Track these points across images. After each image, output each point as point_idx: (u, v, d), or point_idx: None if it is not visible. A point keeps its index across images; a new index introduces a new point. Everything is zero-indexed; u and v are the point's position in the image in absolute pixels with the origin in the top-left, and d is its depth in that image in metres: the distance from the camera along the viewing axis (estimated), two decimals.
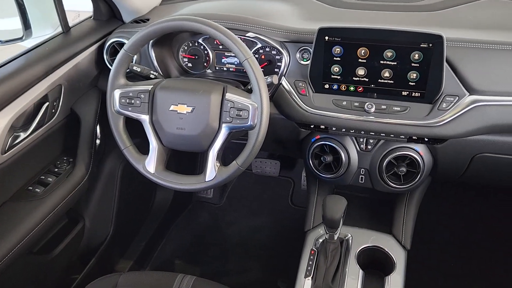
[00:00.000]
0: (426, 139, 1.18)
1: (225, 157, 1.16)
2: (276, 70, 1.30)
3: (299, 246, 1.89)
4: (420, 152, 1.20)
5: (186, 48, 1.40)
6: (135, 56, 1.35)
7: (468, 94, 1.10)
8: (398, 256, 1.23)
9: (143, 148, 1.21)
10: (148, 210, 2.00)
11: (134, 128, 1.21)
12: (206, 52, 1.39)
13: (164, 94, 1.14)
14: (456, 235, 1.92)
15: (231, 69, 1.39)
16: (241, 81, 1.31)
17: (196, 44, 1.38)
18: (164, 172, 1.18)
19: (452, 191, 1.99)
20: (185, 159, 2.13)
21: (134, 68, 1.24)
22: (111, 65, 1.32)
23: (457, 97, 1.11)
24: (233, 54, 1.36)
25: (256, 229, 2.05)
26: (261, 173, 2.20)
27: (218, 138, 1.12)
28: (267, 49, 1.29)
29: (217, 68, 1.40)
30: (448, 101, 1.11)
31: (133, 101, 1.15)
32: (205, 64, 1.40)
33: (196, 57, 1.40)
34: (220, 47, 1.37)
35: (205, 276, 1.15)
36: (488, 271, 1.76)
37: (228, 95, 1.10)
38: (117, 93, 1.16)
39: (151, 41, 1.30)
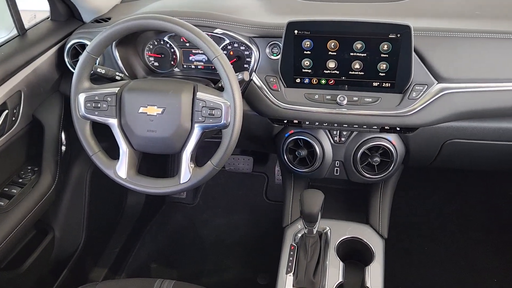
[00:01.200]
0: (398, 129, 1.19)
1: (197, 157, 1.14)
2: (245, 66, 1.28)
3: (277, 241, 1.89)
4: (392, 141, 1.22)
5: (151, 47, 1.36)
6: (99, 58, 1.30)
7: (437, 82, 1.12)
8: (377, 245, 1.24)
9: (112, 153, 1.17)
10: (120, 215, 1.95)
11: (101, 131, 1.16)
12: (172, 50, 1.35)
13: (132, 96, 1.10)
14: (429, 219, 1.97)
15: (199, 67, 1.36)
16: (211, 78, 1.29)
17: (162, 42, 1.34)
18: (136, 176, 1.14)
19: (423, 176, 2.05)
20: (156, 161, 2.08)
21: (98, 70, 1.19)
22: (74, 68, 1.27)
23: (426, 86, 1.12)
24: (201, 52, 1.33)
25: (233, 226, 2.04)
26: (235, 170, 2.18)
27: (191, 139, 1.10)
28: (236, 45, 1.27)
29: (185, 66, 1.36)
30: (418, 90, 1.13)
31: (99, 105, 1.11)
32: (172, 62, 1.37)
33: (163, 55, 1.36)
34: (187, 44, 1.34)
35: (184, 278, 1.13)
36: (463, 252, 1.81)
37: (199, 94, 1.08)
38: (81, 97, 1.11)
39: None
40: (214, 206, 2.15)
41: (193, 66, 1.36)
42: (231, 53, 1.28)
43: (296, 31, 1.13)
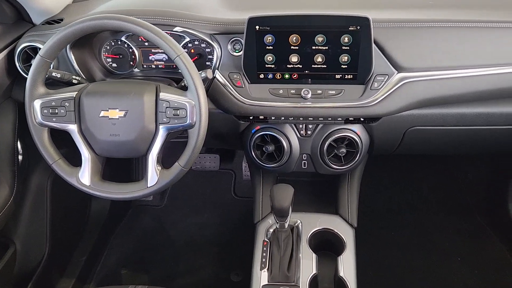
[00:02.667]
0: (362, 119, 1.21)
1: (163, 159, 1.11)
2: (207, 63, 1.26)
3: (249, 237, 1.89)
4: (357, 132, 1.24)
5: (108, 47, 1.31)
6: (53, 61, 1.24)
7: (397, 72, 1.15)
8: (347, 235, 1.27)
9: (73, 159, 1.12)
10: (85, 223, 1.88)
11: (60, 138, 1.11)
12: (131, 50, 1.31)
13: (92, 100, 1.06)
14: (394, 205, 2.03)
15: (160, 67, 1.33)
16: (173, 78, 1.26)
17: (119, 42, 1.30)
18: (101, 182, 1.11)
19: (387, 164, 2.10)
20: (119, 166, 2.02)
21: (54, 74, 1.13)
22: (26, 73, 1.21)
23: (387, 76, 1.15)
24: (160, 51, 1.30)
25: (203, 225, 2.02)
26: (201, 168, 2.16)
27: (156, 141, 1.07)
28: (196, 43, 1.25)
29: (144, 66, 1.33)
30: (379, 80, 1.15)
31: (57, 111, 1.06)
32: (131, 63, 1.33)
33: (121, 56, 1.32)
34: (146, 44, 1.30)
35: (157, 282, 1.10)
36: (427, 235, 1.88)
37: (162, 95, 1.05)
38: (37, 103, 1.06)
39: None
40: (182, 206, 2.12)
41: (153, 66, 1.33)
42: (192, 51, 1.26)
43: (257, 27, 1.13)
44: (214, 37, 1.21)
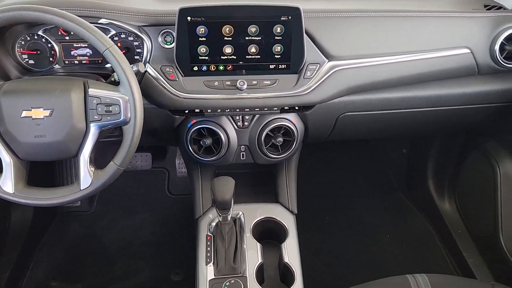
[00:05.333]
0: (296, 108, 1.24)
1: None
2: (136, 57, 1.21)
3: (186, 235, 1.86)
4: (292, 120, 1.27)
5: (23, 43, 1.20)
6: None
7: (327, 61, 1.19)
8: (289, 222, 1.30)
9: None
10: (4, 235, 1.72)
11: None
12: (50, 45, 1.21)
13: (11, 100, 0.97)
14: (327, 190, 2.12)
15: (84, 62, 1.24)
16: (100, 73, 1.19)
17: (36, 37, 1.20)
18: (26, 189, 1.02)
19: (318, 150, 2.18)
20: (38, 171, 1.87)
21: None
22: None
23: (318, 65, 1.19)
24: (83, 45, 1.22)
25: (138, 227, 1.94)
26: (133, 168, 2.07)
27: (87, 140, 1.01)
28: (123, 36, 1.19)
29: (67, 62, 1.24)
30: (311, 69, 1.18)
31: None
32: (51, 59, 1.23)
33: (38, 52, 1.21)
34: (67, 38, 1.21)
35: None
36: (358, 216, 1.99)
37: (92, 91, 0.99)
38: None
39: None
40: (114, 209, 2.03)
41: (76, 62, 1.24)
42: (119, 44, 1.20)
43: (189, 18, 1.10)
44: (143, 29, 1.17)
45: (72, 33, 1.18)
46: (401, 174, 2.14)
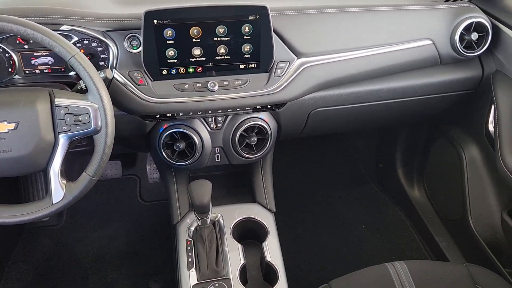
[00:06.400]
0: (269, 106, 1.24)
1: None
2: (101, 63, 1.17)
3: (162, 241, 1.83)
4: (265, 119, 1.27)
5: None
6: None
7: (297, 58, 1.20)
8: (268, 220, 1.30)
9: None
10: None
11: None
12: (7, 55, 1.15)
13: None
14: (302, 186, 2.13)
15: (46, 71, 1.19)
16: (64, 82, 1.15)
17: None
18: None
19: (290, 147, 2.19)
20: (1, 186, 1.79)
21: None
22: None
23: (288, 63, 1.19)
24: (44, 53, 1.17)
25: (111, 237, 1.89)
26: (102, 178, 2.01)
27: (57, 152, 0.97)
28: (86, 42, 1.15)
29: (27, 72, 1.18)
30: (281, 67, 1.19)
31: None
32: (9, 69, 1.17)
33: None
34: (26, 46, 1.16)
35: None
36: (333, 209, 2.02)
37: (59, 101, 0.96)
38: None
39: None
40: (85, 221, 1.96)
41: (38, 71, 1.19)
42: (82, 51, 1.16)
43: (155, 21, 1.08)
44: (108, 34, 1.13)
45: (31, 41, 1.13)
46: (371, 165, 2.18)
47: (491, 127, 1.44)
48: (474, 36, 1.29)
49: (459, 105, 1.49)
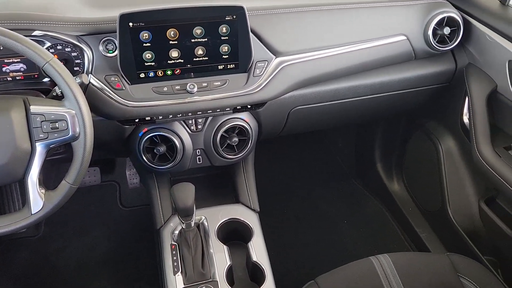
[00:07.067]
0: (249, 106, 1.24)
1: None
2: (76, 69, 1.15)
3: (145, 247, 1.81)
4: (246, 119, 1.27)
5: None
6: None
7: (275, 57, 1.20)
8: (252, 220, 1.29)
9: None
10: None
11: None
12: None
13: None
14: (283, 184, 2.14)
15: (18, 78, 1.16)
16: (38, 89, 1.12)
17: None
18: None
19: (271, 146, 2.20)
20: None
21: None
22: None
23: (266, 62, 1.19)
24: (16, 60, 1.13)
25: (93, 245, 1.86)
26: (81, 185, 1.96)
27: (34, 161, 0.95)
28: (59, 47, 1.12)
29: None
30: (260, 67, 1.19)
31: None
32: None
33: None
34: None
35: None
36: (315, 206, 2.03)
37: (34, 108, 0.93)
38: None
39: None
40: (65, 230, 1.92)
41: (9, 78, 1.15)
42: (56, 56, 1.12)
43: (131, 24, 1.06)
44: (82, 38, 1.11)
45: (1, 47, 1.09)
46: (351, 161, 2.21)
47: (465, 119, 1.48)
48: (447, 30, 1.32)
49: (435, 99, 1.52)
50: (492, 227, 1.39)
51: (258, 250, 1.21)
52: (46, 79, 1.14)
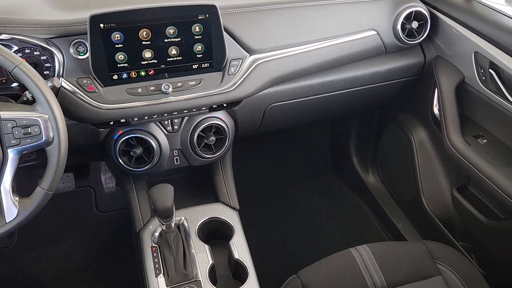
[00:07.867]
0: (224, 105, 1.24)
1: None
2: (46, 72, 1.12)
3: (124, 251, 1.78)
4: (222, 118, 1.26)
5: None
6: None
7: (249, 55, 1.21)
8: (232, 218, 1.30)
9: None
10: None
11: None
12: None
13: None
14: (263, 181, 2.15)
15: None
16: (6, 94, 1.09)
17: None
18: None
19: (248, 144, 2.20)
20: None
21: None
22: None
23: (241, 60, 1.20)
24: None
25: (70, 253, 1.81)
26: (55, 192, 1.91)
27: (6, 168, 0.93)
28: (28, 51, 1.09)
29: None
30: (234, 65, 1.19)
31: None
32: None
33: None
34: None
35: None
36: (295, 201, 2.05)
37: (4, 114, 0.91)
38: None
39: None
40: (39, 239, 1.87)
41: None
42: (24, 60, 1.10)
43: (102, 25, 1.04)
44: (51, 41, 1.08)
45: None
46: (327, 156, 2.24)
47: (436, 110, 1.52)
48: (415, 24, 1.36)
49: (406, 91, 1.56)
50: (464, 214, 1.44)
51: (239, 248, 1.22)
52: (14, 84, 1.11)
